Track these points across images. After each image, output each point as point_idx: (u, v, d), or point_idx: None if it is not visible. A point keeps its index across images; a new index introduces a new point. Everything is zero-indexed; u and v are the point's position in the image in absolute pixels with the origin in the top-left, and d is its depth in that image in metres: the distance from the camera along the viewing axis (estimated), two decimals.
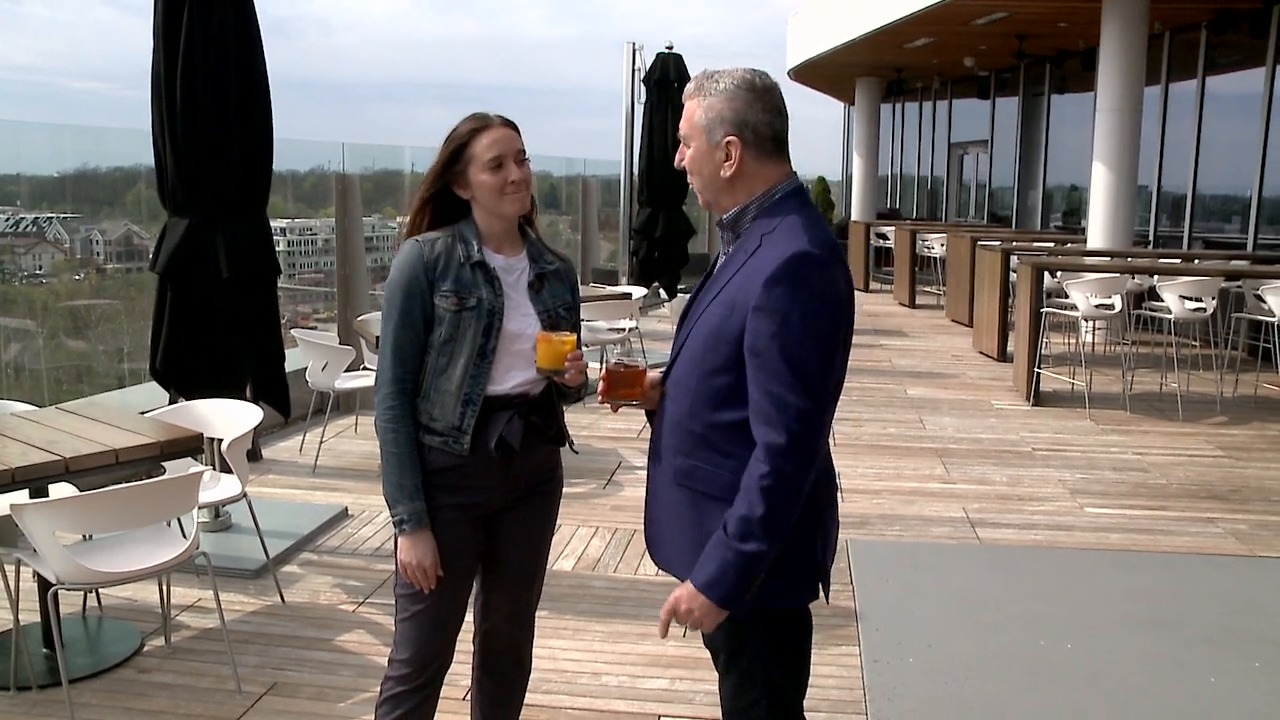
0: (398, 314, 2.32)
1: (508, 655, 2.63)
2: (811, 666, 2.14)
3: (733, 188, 1.99)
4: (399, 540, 2.35)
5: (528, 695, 2.70)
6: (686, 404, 2.00)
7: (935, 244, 14.30)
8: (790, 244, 1.88)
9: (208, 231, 4.52)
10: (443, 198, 2.38)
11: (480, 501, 2.42)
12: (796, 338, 1.83)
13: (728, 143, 1.96)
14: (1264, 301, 7.79)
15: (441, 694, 2.49)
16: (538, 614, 2.67)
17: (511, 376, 2.37)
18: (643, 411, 2.19)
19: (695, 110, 1.99)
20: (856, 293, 2.36)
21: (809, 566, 2.02)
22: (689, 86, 2.01)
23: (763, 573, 1.90)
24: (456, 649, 2.50)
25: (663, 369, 2.17)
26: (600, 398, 2.14)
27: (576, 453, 2.94)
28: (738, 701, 2.08)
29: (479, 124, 2.33)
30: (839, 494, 2.23)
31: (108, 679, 3.42)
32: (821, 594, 2.06)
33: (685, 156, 2.03)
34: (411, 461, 2.33)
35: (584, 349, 2.38)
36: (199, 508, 3.41)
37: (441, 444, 2.34)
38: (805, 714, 2.13)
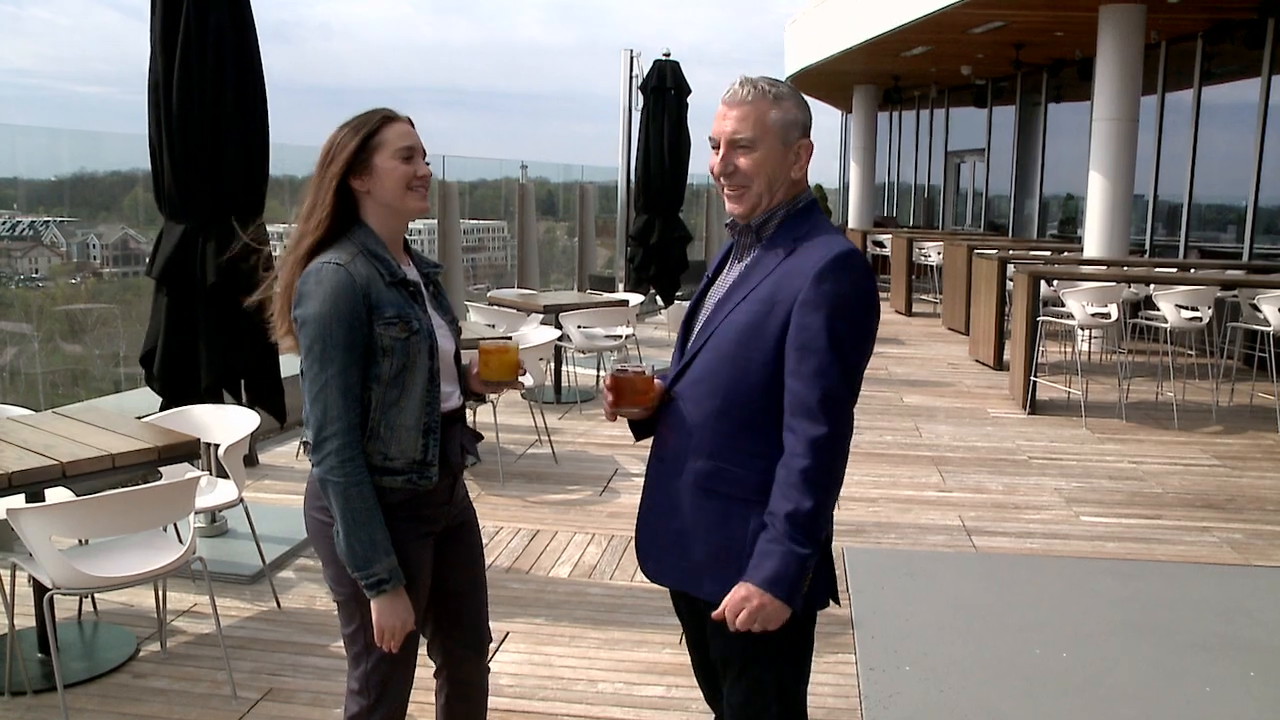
0: (342, 351, 2.05)
1: (474, 685, 2.48)
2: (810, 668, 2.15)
3: (791, 188, 2.04)
4: (376, 603, 2.09)
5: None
6: (713, 404, 1.99)
7: (932, 252, 14.33)
8: (832, 245, 1.95)
9: (203, 236, 4.51)
10: (342, 195, 2.16)
11: (435, 526, 2.27)
12: (842, 332, 1.89)
13: (802, 145, 2.02)
14: (1259, 311, 7.81)
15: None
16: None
17: (453, 394, 2.26)
18: (626, 421, 2.16)
19: (766, 112, 1.98)
20: None
21: (830, 566, 2.06)
22: (743, 91, 1.99)
23: (811, 569, 1.92)
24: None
25: (663, 373, 2.16)
26: (608, 409, 2.11)
27: (478, 461, 2.86)
28: (749, 708, 2.08)
29: (391, 114, 2.17)
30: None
31: (103, 684, 3.41)
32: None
33: (741, 160, 1.99)
34: (379, 513, 2.09)
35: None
36: (195, 513, 3.40)
37: (404, 482, 2.15)
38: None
